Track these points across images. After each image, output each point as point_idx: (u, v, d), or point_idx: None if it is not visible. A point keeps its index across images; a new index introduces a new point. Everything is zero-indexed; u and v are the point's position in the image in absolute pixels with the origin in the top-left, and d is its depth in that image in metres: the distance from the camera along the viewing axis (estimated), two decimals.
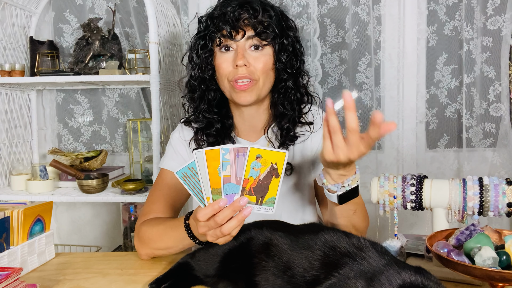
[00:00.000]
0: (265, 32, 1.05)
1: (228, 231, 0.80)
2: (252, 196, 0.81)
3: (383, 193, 1.04)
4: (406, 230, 1.94)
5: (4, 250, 0.94)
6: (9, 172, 1.95)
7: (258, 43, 1.06)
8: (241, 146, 0.79)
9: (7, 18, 1.89)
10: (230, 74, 1.07)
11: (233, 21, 1.04)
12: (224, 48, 1.08)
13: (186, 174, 0.81)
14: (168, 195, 1.14)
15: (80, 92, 2.19)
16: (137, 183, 1.76)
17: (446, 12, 1.90)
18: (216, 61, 1.09)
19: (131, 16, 2.07)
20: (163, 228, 1.02)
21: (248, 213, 0.80)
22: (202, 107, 1.14)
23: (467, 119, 1.89)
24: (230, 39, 1.06)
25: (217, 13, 1.07)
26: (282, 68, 1.10)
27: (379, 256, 0.70)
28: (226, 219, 0.80)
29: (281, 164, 0.80)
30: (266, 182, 0.80)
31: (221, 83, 1.11)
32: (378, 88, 1.96)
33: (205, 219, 0.81)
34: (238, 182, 0.80)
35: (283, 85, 1.12)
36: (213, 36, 1.08)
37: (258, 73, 1.06)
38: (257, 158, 0.79)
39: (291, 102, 1.13)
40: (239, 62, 1.04)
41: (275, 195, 0.81)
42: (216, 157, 0.79)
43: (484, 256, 0.75)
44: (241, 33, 1.05)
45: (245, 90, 1.06)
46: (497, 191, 0.96)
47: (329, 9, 1.98)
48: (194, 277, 0.90)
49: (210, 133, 1.14)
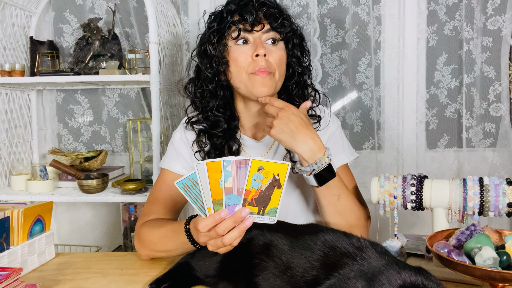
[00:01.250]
0: (283, 26, 1.09)
1: (229, 241, 0.80)
2: (253, 207, 0.81)
3: (383, 193, 1.04)
4: (406, 230, 1.94)
5: (4, 250, 0.94)
6: (9, 172, 1.95)
7: (274, 37, 1.09)
8: (243, 158, 0.79)
9: (7, 18, 1.89)
10: (249, 66, 1.07)
11: (255, 12, 1.06)
12: (242, 41, 1.08)
13: (186, 185, 0.80)
14: (168, 195, 1.14)
15: (80, 92, 2.19)
16: (137, 183, 1.76)
17: (446, 12, 1.90)
18: (231, 54, 1.09)
19: (131, 16, 2.06)
20: (164, 232, 1.02)
21: (249, 224, 0.80)
22: (214, 103, 1.13)
23: (467, 119, 1.89)
24: (248, 32, 1.07)
25: (235, 7, 1.08)
26: (295, 64, 1.14)
27: (379, 256, 0.70)
28: (227, 229, 0.80)
29: (283, 176, 0.80)
30: (268, 193, 0.80)
31: (237, 77, 1.09)
32: (378, 88, 1.96)
33: (206, 230, 0.81)
34: (240, 193, 0.80)
35: (295, 81, 1.15)
36: (229, 29, 1.08)
37: (275, 66, 1.08)
38: (259, 170, 0.80)
39: (299, 98, 1.16)
40: (260, 51, 1.05)
41: (277, 205, 0.81)
42: (217, 169, 0.79)
43: (484, 256, 0.75)
44: (260, 26, 1.07)
45: (265, 77, 1.07)
46: (498, 191, 0.96)
47: (329, 9, 1.98)
48: (194, 277, 0.90)
49: (216, 134, 1.13)
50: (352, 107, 2.00)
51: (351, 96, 2.00)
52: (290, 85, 1.15)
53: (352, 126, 2.01)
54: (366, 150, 2.01)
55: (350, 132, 2.01)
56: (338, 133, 1.20)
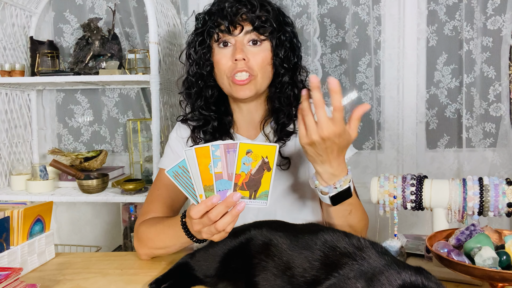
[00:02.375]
0: (263, 26, 1.06)
1: (223, 227, 0.80)
2: (245, 191, 0.81)
3: (383, 193, 1.04)
4: (406, 230, 1.94)
5: (4, 250, 0.94)
6: (9, 172, 1.95)
7: (256, 37, 1.07)
8: (230, 142, 0.79)
9: (7, 18, 1.89)
10: (228, 69, 1.07)
11: (231, 16, 1.05)
12: (222, 43, 1.08)
13: (177, 172, 0.80)
14: (167, 194, 1.14)
15: (80, 92, 2.19)
16: (137, 183, 1.76)
17: (446, 12, 1.90)
18: (214, 57, 1.10)
19: (131, 16, 2.06)
20: (161, 227, 1.02)
21: (241, 208, 0.80)
22: (199, 104, 1.15)
23: (467, 119, 1.89)
24: (228, 34, 1.06)
25: (215, 9, 1.08)
26: (280, 63, 1.10)
27: (379, 256, 0.70)
28: (219, 215, 0.80)
29: (272, 158, 0.80)
30: (258, 176, 0.80)
31: (219, 79, 1.11)
32: (378, 88, 1.96)
33: (198, 216, 0.81)
34: (230, 178, 0.80)
35: (280, 80, 1.12)
36: (211, 32, 1.08)
37: (257, 68, 1.07)
38: (248, 153, 0.79)
39: (288, 97, 1.14)
40: (238, 56, 1.04)
41: (268, 189, 0.81)
42: (206, 154, 0.78)
43: (484, 256, 0.75)
44: (239, 28, 1.06)
45: (244, 85, 1.06)
46: (497, 191, 0.95)
47: (329, 9, 1.98)
48: (194, 277, 0.90)
49: (207, 131, 1.14)
50: (352, 107, 1.99)
51: (351, 96, 2.00)
52: (276, 84, 1.13)
53: None
54: (366, 150, 2.01)
55: None
56: None
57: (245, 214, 1.13)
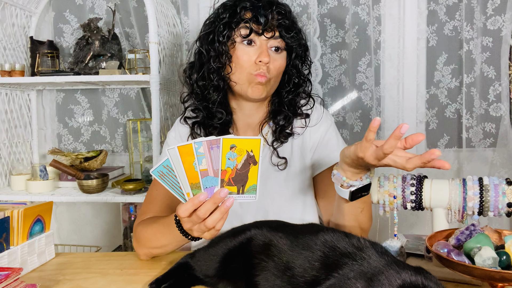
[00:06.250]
0: (291, 36, 1.09)
1: (212, 224, 0.81)
2: (232, 187, 0.80)
3: (383, 193, 1.04)
4: (406, 230, 1.94)
5: (4, 250, 0.94)
6: (9, 172, 1.95)
7: (279, 45, 1.09)
8: (213, 138, 0.78)
9: (7, 18, 1.90)
10: (251, 67, 1.08)
11: (268, 16, 1.06)
12: (248, 41, 1.08)
13: (162, 172, 0.80)
14: (165, 194, 1.14)
15: (80, 92, 2.19)
16: (137, 183, 1.76)
17: (446, 12, 1.90)
18: (236, 52, 1.09)
19: (131, 16, 2.07)
20: (157, 227, 1.02)
21: (230, 204, 0.80)
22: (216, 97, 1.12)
23: (467, 119, 1.89)
24: (257, 34, 1.07)
25: (250, 5, 1.07)
26: (292, 73, 1.14)
27: (379, 256, 0.70)
28: (208, 212, 0.80)
29: (257, 151, 0.79)
30: (245, 170, 0.80)
31: (235, 74, 1.10)
32: (378, 88, 1.96)
33: (187, 215, 0.81)
34: (216, 174, 0.79)
35: (289, 89, 1.15)
36: (238, 25, 1.07)
37: (273, 73, 1.09)
38: (232, 148, 0.79)
39: (289, 104, 1.16)
40: (265, 59, 1.06)
41: (256, 182, 0.81)
42: (190, 152, 0.78)
43: (484, 256, 0.75)
44: (272, 33, 1.07)
45: (262, 82, 1.07)
46: (497, 191, 0.95)
47: (329, 9, 1.98)
48: (194, 277, 0.90)
49: (213, 125, 1.14)
50: (352, 107, 2.00)
51: (351, 96, 2.00)
52: (284, 92, 1.16)
53: (352, 126, 2.01)
54: None
55: (350, 132, 2.01)
56: (331, 130, 1.20)
57: (244, 215, 1.13)
